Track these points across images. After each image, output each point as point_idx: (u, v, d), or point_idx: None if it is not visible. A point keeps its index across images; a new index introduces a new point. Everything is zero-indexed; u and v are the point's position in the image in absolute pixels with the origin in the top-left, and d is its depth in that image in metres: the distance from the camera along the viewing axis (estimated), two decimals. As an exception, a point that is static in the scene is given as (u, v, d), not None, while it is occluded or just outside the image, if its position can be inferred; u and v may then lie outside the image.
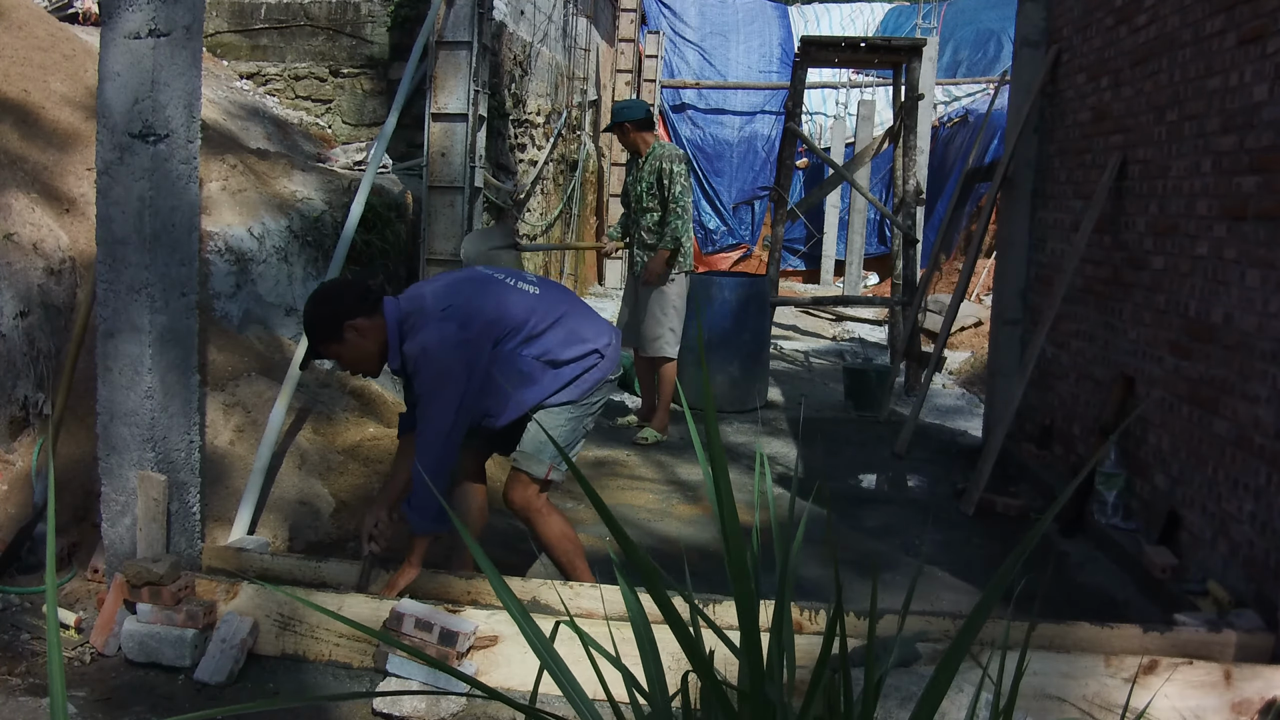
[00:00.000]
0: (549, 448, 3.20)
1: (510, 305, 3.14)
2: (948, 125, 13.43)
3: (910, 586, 1.59)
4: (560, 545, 3.32)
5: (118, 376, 3.04)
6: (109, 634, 3.00)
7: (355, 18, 7.00)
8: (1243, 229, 3.40)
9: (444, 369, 2.99)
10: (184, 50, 3.01)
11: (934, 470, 5.49)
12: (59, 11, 6.11)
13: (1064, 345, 5.04)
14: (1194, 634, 2.96)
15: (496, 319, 3.09)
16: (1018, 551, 1.31)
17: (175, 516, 3.13)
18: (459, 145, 6.02)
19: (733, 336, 6.51)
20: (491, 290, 3.18)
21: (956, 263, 11.65)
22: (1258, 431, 3.25)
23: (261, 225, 4.90)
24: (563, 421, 3.23)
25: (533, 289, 3.23)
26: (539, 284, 3.28)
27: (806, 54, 7.52)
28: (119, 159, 2.98)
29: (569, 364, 3.18)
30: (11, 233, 3.64)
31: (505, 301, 3.15)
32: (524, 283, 3.25)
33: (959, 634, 1.34)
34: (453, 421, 3.00)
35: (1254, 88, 3.38)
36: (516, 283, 3.24)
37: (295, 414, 4.21)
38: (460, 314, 3.05)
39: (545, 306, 3.19)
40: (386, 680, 2.82)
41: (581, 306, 3.36)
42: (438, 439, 3.00)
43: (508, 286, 3.21)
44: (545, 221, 9.29)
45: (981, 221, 6.05)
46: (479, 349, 3.04)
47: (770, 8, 15.22)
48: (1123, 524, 4.14)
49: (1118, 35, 4.58)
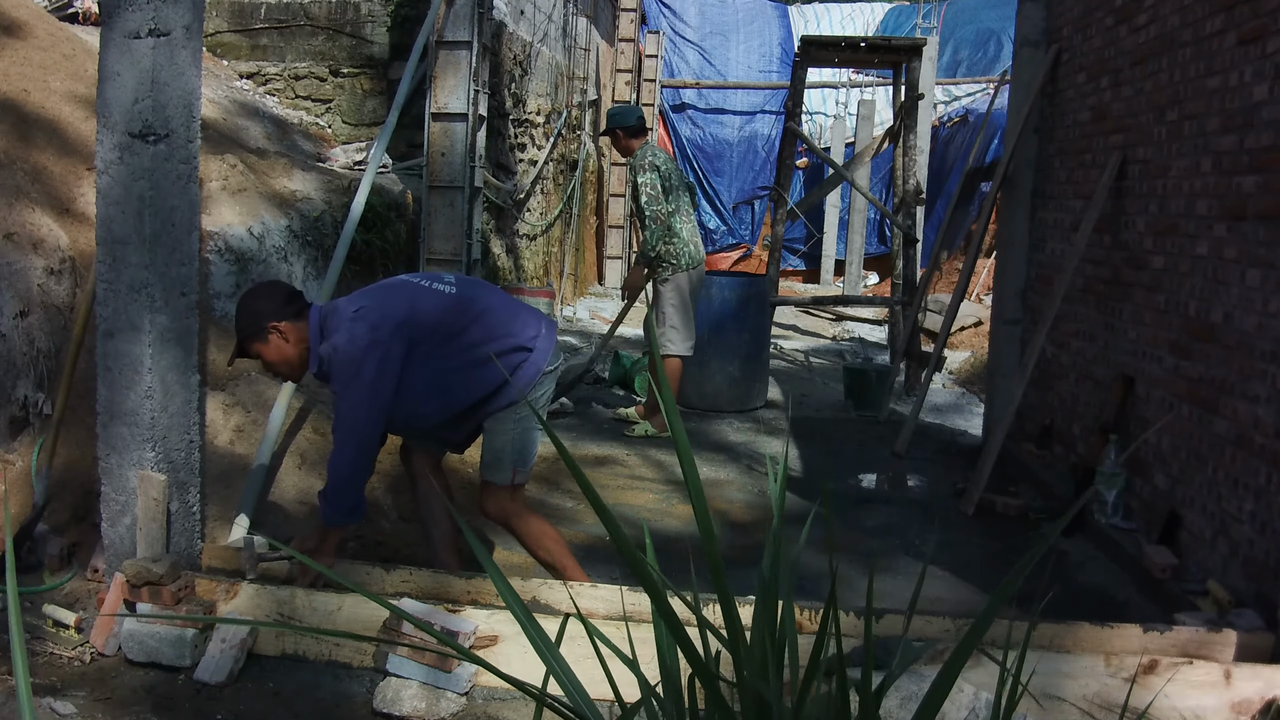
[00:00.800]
0: (507, 454, 3.25)
1: (423, 305, 3.16)
2: (948, 125, 13.42)
3: (916, 588, 1.59)
4: (541, 544, 3.35)
5: (118, 376, 3.04)
6: (109, 634, 3.00)
7: (355, 17, 7.00)
8: (1243, 229, 3.40)
9: (352, 368, 3.03)
10: (184, 50, 3.01)
11: (934, 470, 5.49)
12: (59, 11, 6.11)
13: (1064, 345, 5.04)
14: (1194, 634, 2.96)
15: (408, 319, 3.11)
16: (1027, 560, 1.31)
17: (175, 516, 3.13)
18: (459, 145, 6.02)
19: (733, 336, 6.51)
20: (404, 292, 3.20)
21: (956, 262, 11.65)
22: (1258, 431, 3.25)
23: (261, 225, 4.90)
24: (510, 425, 3.24)
25: (449, 288, 3.24)
26: (457, 283, 3.29)
27: (806, 54, 7.52)
28: (119, 159, 2.98)
29: (493, 361, 3.16)
30: (11, 233, 3.64)
31: (418, 302, 3.16)
32: (440, 283, 3.26)
33: (965, 636, 1.34)
34: (365, 419, 3.05)
35: (1254, 88, 3.38)
36: (432, 284, 3.25)
37: (295, 414, 4.21)
38: (371, 315, 3.09)
39: (462, 305, 3.20)
40: (386, 680, 2.83)
41: (505, 301, 3.35)
42: (349, 436, 3.06)
43: (422, 288, 3.23)
44: (545, 221, 9.29)
45: (981, 221, 6.05)
46: (388, 350, 3.05)
47: (770, 7, 15.22)
48: (1123, 524, 4.14)
49: (1118, 35, 4.57)
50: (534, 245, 8.97)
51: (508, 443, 3.25)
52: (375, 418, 3.08)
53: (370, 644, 2.93)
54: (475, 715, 2.79)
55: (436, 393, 3.16)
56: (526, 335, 3.23)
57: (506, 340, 3.20)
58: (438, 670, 2.80)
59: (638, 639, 1.59)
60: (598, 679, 1.56)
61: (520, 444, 3.26)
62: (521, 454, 3.27)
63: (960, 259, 11.54)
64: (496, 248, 7.63)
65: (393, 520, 4.02)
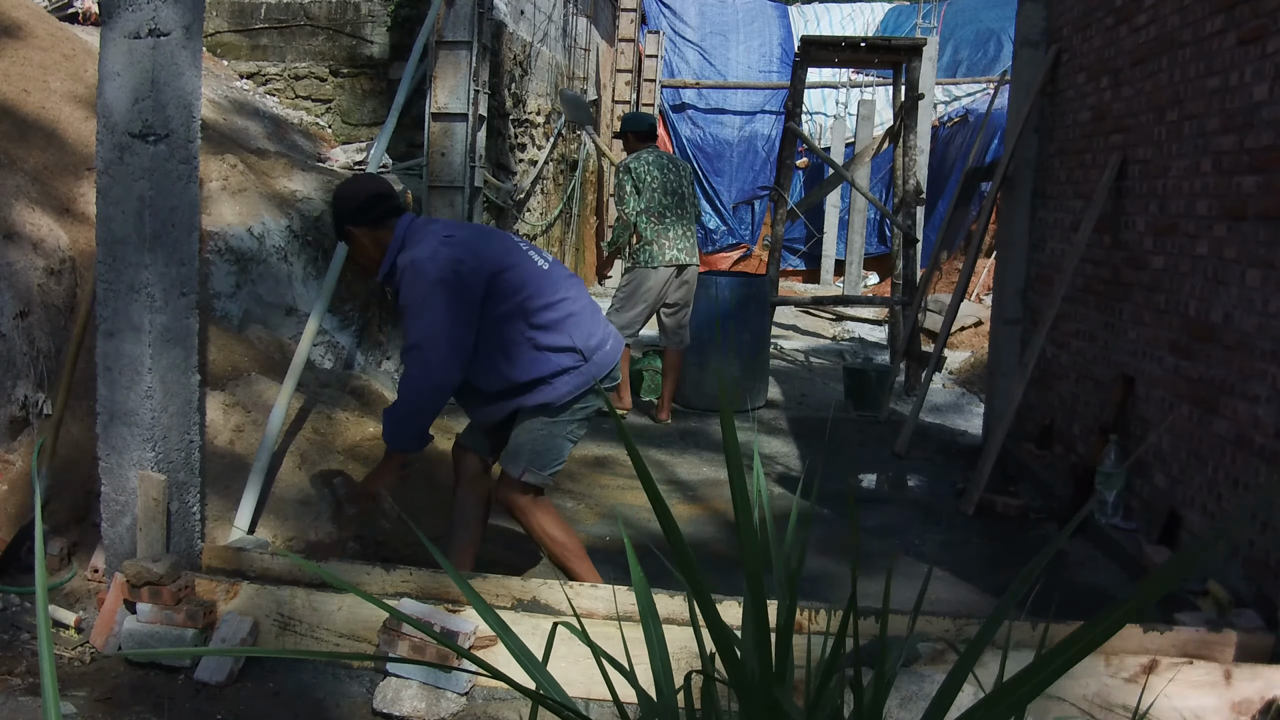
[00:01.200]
0: (524, 451, 3.19)
1: (516, 264, 3.09)
2: (948, 125, 13.43)
3: (922, 588, 1.59)
4: (545, 543, 3.29)
5: (118, 376, 3.04)
6: (109, 634, 3.00)
7: (355, 17, 7.00)
8: (1243, 229, 3.40)
9: (423, 290, 2.94)
10: (184, 50, 3.01)
11: (934, 470, 5.49)
12: (59, 11, 6.11)
13: (1064, 345, 5.04)
14: (1194, 634, 2.95)
15: (497, 270, 3.03)
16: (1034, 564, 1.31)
17: (175, 516, 3.13)
18: (459, 145, 6.02)
19: (733, 336, 6.51)
20: (503, 243, 3.14)
21: (956, 262, 11.65)
22: (1258, 431, 3.25)
23: (261, 225, 4.90)
24: (538, 427, 3.17)
25: (544, 264, 3.17)
26: (552, 263, 3.22)
27: (806, 54, 7.52)
28: (119, 159, 2.98)
29: (551, 352, 3.09)
30: (11, 233, 3.64)
31: (512, 258, 3.09)
32: (537, 254, 3.20)
33: (973, 640, 1.34)
34: (434, 350, 2.94)
35: (1254, 87, 3.38)
36: (529, 250, 3.19)
37: (295, 414, 4.21)
38: (462, 248, 3.02)
39: (548, 285, 3.12)
40: (387, 680, 2.83)
41: (587, 304, 3.26)
42: (417, 364, 2.98)
43: (520, 249, 3.16)
44: (545, 221, 9.29)
45: (981, 221, 6.05)
46: (468, 286, 2.97)
47: (770, 7, 15.22)
48: (1123, 523, 4.14)
49: (1118, 35, 4.58)
50: (534, 245, 8.96)
51: (529, 441, 3.18)
52: (445, 353, 2.96)
53: (370, 644, 2.93)
54: (475, 715, 2.79)
55: (491, 356, 3.08)
56: (589, 345, 3.14)
57: (569, 339, 3.10)
58: (437, 670, 2.80)
59: (637, 639, 1.60)
60: (596, 679, 1.56)
61: (542, 447, 3.18)
62: (539, 457, 3.18)
63: (960, 259, 11.53)
64: (496, 248, 7.62)
65: (393, 520, 4.02)
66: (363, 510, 3.34)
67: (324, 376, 4.93)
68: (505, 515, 4.13)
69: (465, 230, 3.14)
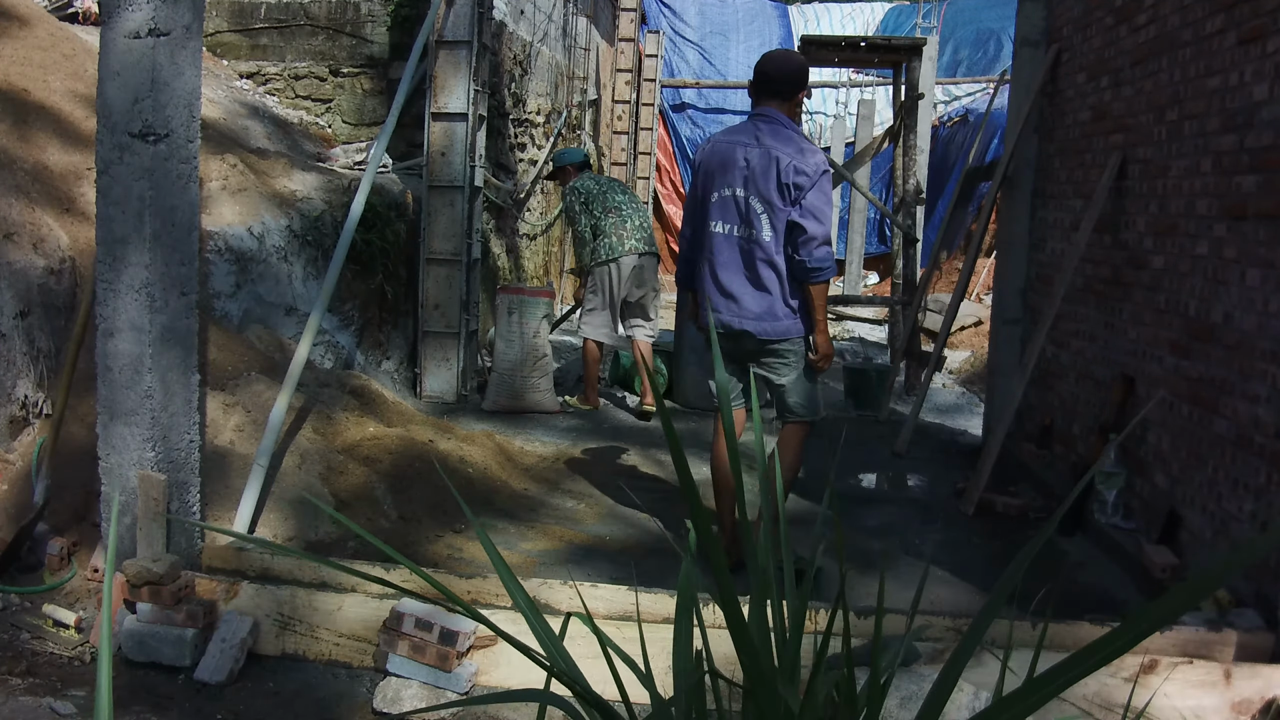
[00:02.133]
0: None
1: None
2: (948, 125, 13.42)
3: (919, 588, 1.59)
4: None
5: (118, 376, 3.04)
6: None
7: (355, 17, 7.00)
8: (1243, 229, 3.40)
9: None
10: (184, 50, 3.01)
11: (934, 469, 5.49)
12: (59, 11, 6.10)
13: (1064, 345, 5.04)
14: (1194, 634, 2.96)
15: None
16: (1021, 556, 1.31)
17: (175, 516, 3.13)
18: (459, 145, 6.02)
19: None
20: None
21: (956, 262, 11.65)
22: (1258, 431, 3.25)
23: (261, 224, 4.90)
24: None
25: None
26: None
27: (806, 53, 7.51)
28: (119, 158, 2.98)
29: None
30: (11, 233, 3.64)
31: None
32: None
33: (966, 636, 1.34)
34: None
35: (1254, 87, 3.38)
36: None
37: (295, 413, 4.21)
38: (704, 160, 3.73)
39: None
40: (387, 680, 2.83)
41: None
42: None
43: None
44: (545, 221, 9.29)
45: (981, 221, 6.05)
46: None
47: (770, 7, 15.22)
48: (1123, 523, 4.14)
49: (1118, 35, 4.57)
50: (534, 245, 8.97)
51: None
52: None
53: (370, 644, 2.93)
54: (475, 715, 2.78)
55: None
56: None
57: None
58: (438, 670, 2.80)
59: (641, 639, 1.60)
60: (602, 678, 1.55)
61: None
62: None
63: (960, 259, 11.53)
64: (496, 247, 7.64)
65: (393, 520, 4.02)
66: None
67: (324, 376, 4.93)
68: (503, 516, 4.14)
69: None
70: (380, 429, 4.61)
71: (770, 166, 3.56)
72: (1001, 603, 1.32)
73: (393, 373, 6.01)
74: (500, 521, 4.20)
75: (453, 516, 4.14)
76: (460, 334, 6.07)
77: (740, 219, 3.64)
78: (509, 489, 4.62)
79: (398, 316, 6.08)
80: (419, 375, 6.09)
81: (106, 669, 0.95)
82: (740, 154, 3.63)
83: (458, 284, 6.05)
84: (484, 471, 4.68)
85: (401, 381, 6.04)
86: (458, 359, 6.07)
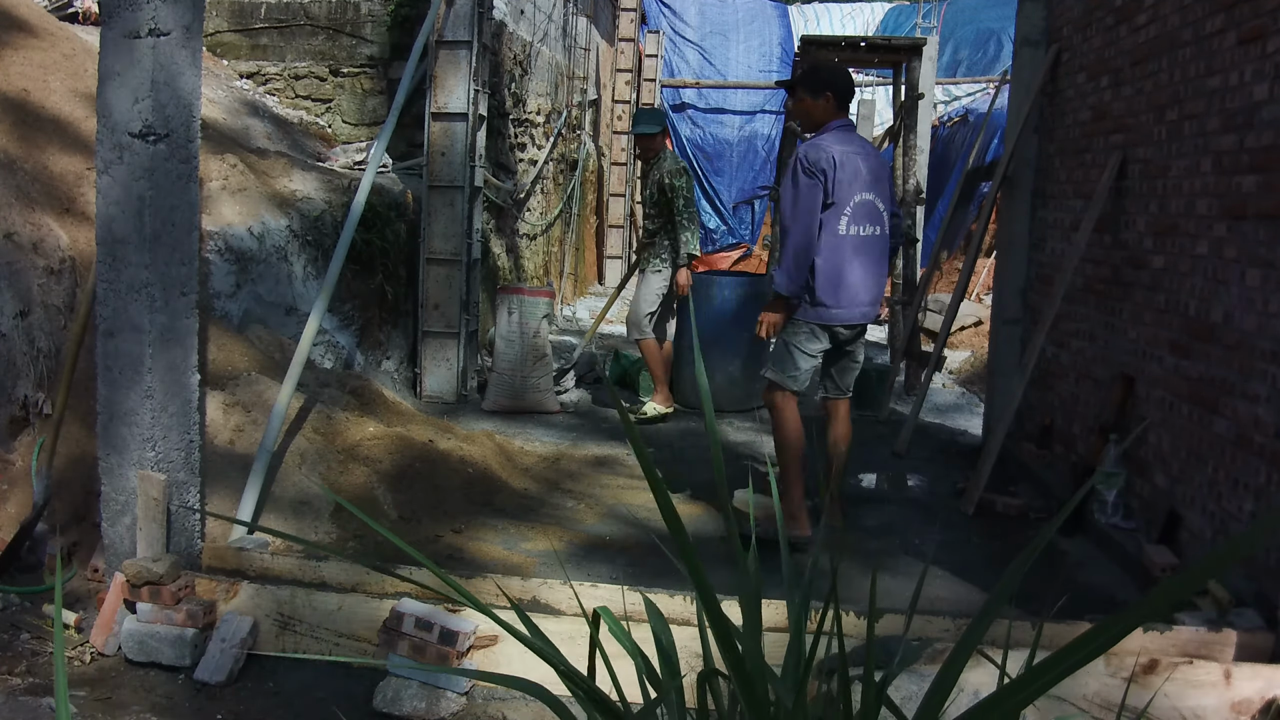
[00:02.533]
0: (768, 355, 4.52)
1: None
2: (948, 125, 13.42)
3: (917, 587, 1.59)
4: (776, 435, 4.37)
5: (118, 376, 3.04)
6: (109, 634, 3.00)
7: (355, 17, 7.00)
8: (1243, 229, 3.40)
9: (794, 183, 3.95)
10: (184, 50, 3.01)
11: (934, 469, 5.49)
12: (59, 11, 6.10)
13: (1064, 345, 5.04)
14: (1194, 634, 2.96)
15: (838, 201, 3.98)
16: (1022, 557, 1.31)
17: (175, 516, 3.13)
18: (459, 145, 6.02)
19: (733, 336, 6.50)
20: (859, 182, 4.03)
21: (956, 262, 11.65)
22: (1258, 431, 3.25)
23: (262, 224, 4.90)
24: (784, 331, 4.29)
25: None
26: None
27: (806, 53, 7.52)
28: (119, 159, 2.98)
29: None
30: (11, 233, 3.64)
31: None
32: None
33: (964, 636, 1.33)
34: (793, 226, 3.93)
35: (1254, 87, 3.38)
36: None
37: (295, 413, 4.21)
38: (833, 169, 3.92)
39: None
40: (387, 680, 2.82)
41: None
42: (784, 235, 4.00)
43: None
44: (545, 221, 9.29)
45: (981, 221, 6.05)
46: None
47: (770, 7, 15.22)
48: (1123, 523, 4.14)
49: (1118, 35, 4.57)
50: (534, 245, 8.97)
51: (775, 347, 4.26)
52: (803, 228, 3.94)
53: (370, 644, 2.93)
54: (475, 715, 2.78)
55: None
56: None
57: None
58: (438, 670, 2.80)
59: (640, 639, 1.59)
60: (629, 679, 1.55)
61: (778, 354, 4.25)
62: (779, 363, 4.26)
63: (960, 259, 11.53)
64: (496, 247, 7.63)
65: (392, 520, 4.02)
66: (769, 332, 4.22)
67: (324, 376, 4.93)
68: (503, 516, 4.14)
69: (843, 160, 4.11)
70: (380, 429, 4.62)
71: (884, 171, 4.17)
72: (1001, 603, 1.32)
73: (393, 373, 6.01)
74: (500, 521, 4.20)
75: (452, 516, 4.14)
76: (460, 334, 6.07)
77: (873, 220, 4.08)
78: (509, 489, 4.62)
79: (398, 316, 6.08)
80: (419, 375, 6.09)
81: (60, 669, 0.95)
82: (861, 162, 4.04)
83: (458, 284, 6.05)
84: (484, 471, 4.68)
85: (401, 381, 6.04)
86: (458, 359, 6.07)
